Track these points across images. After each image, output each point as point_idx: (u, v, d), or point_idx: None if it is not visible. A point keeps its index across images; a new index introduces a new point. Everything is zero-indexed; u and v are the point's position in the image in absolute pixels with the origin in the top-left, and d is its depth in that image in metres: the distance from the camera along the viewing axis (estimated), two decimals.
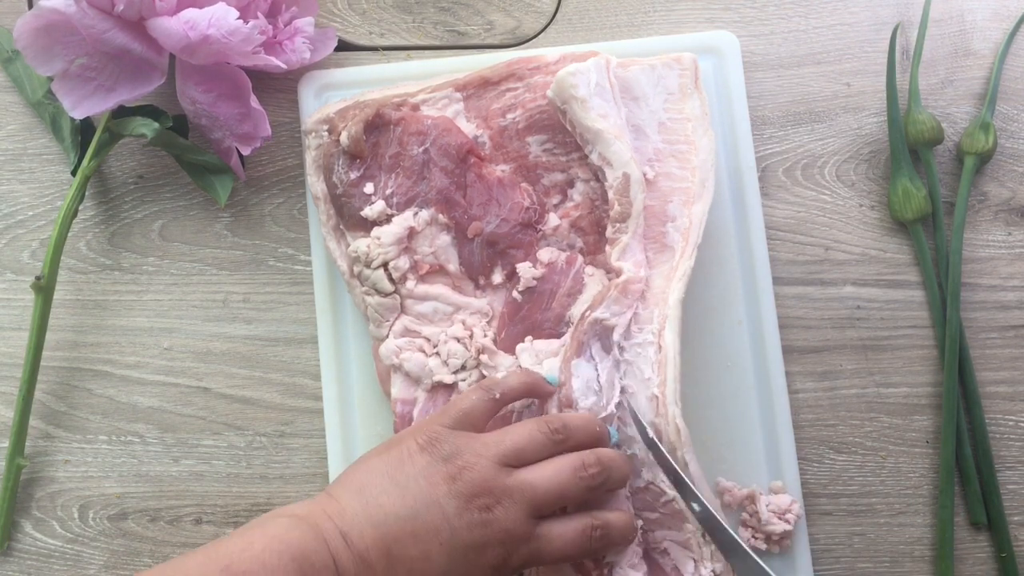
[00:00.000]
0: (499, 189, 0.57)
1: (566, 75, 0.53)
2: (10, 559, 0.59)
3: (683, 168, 0.55)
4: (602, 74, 0.55)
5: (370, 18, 0.63)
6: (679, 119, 0.56)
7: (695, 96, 0.56)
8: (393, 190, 0.56)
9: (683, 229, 0.54)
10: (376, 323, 0.56)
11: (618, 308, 0.53)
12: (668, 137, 0.56)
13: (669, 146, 0.56)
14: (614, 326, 0.53)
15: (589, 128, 0.54)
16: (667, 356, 0.52)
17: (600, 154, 0.54)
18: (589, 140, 0.54)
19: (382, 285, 0.55)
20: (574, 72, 0.53)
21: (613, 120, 0.54)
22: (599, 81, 0.54)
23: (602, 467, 0.48)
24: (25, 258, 0.62)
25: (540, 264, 0.56)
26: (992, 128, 0.59)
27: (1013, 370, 0.58)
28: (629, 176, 0.53)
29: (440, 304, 0.56)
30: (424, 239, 0.56)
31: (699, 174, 0.55)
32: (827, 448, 0.58)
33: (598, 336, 0.53)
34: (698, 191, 0.55)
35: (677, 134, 0.56)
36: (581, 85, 0.53)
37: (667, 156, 0.56)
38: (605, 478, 0.49)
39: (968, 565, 0.57)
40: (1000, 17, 0.62)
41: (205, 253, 0.61)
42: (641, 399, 0.52)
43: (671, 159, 0.56)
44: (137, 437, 0.60)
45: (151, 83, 0.56)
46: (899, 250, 0.60)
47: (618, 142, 0.53)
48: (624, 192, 0.53)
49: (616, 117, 0.54)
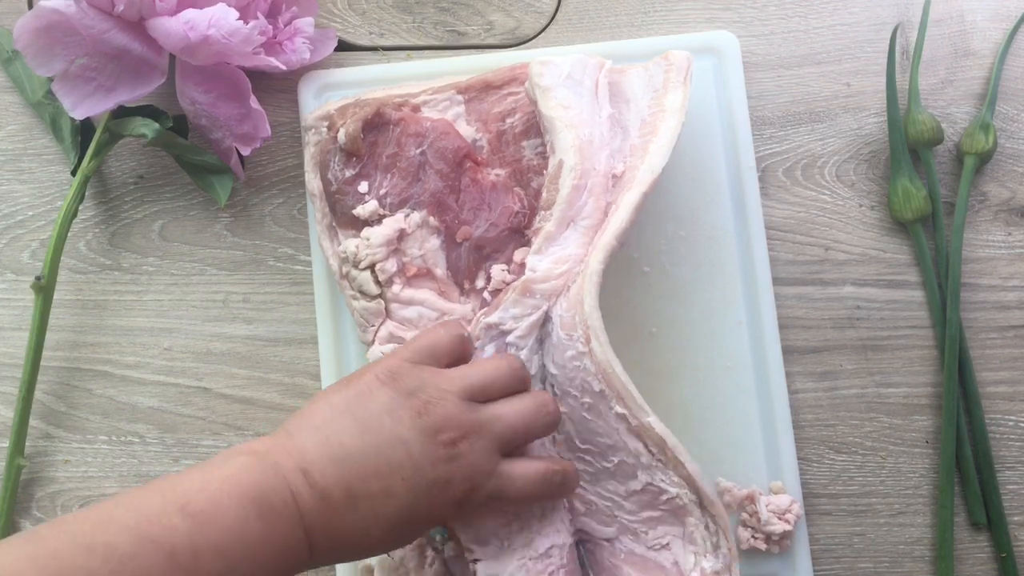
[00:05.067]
0: (492, 194, 0.56)
1: (535, 64, 0.53)
2: None
3: (642, 158, 0.53)
4: (584, 71, 0.54)
5: (370, 18, 0.63)
6: (656, 112, 0.54)
7: (679, 89, 0.54)
8: (387, 190, 0.56)
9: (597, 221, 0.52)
10: (362, 328, 0.56)
11: (518, 311, 0.51)
12: (643, 131, 0.55)
13: (642, 140, 0.54)
14: (511, 330, 0.51)
15: (545, 116, 0.53)
16: (606, 371, 0.50)
17: (551, 143, 0.53)
18: (546, 128, 0.53)
19: (368, 288, 0.55)
20: (544, 62, 0.53)
21: (575, 112, 0.53)
22: (572, 74, 0.53)
23: (557, 408, 0.49)
24: (25, 258, 0.62)
25: (515, 265, 0.55)
26: (992, 128, 0.59)
27: (1013, 370, 0.58)
28: (563, 163, 0.52)
29: (425, 309, 0.56)
30: (414, 241, 0.56)
31: (648, 160, 0.52)
32: (827, 448, 0.58)
33: (492, 340, 0.52)
34: (641, 176, 0.52)
35: (650, 127, 0.54)
36: (547, 74, 0.53)
37: (639, 150, 0.54)
38: (558, 421, 0.49)
39: (968, 565, 0.57)
40: (1000, 17, 0.62)
41: (205, 253, 0.61)
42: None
43: (640, 152, 0.54)
44: (137, 437, 0.60)
45: (151, 83, 0.57)
46: (899, 250, 0.60)
47: (568, 130, 0.52)
48: (555, 179, 0.52)
49: (584, 111, 0.53)
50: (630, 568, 0.52)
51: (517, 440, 0.48)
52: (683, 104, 0.54)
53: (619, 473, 0.52)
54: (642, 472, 0.51)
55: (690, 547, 0.51)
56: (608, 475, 0.52)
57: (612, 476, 0.52)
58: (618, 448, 0.51)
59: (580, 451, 0.52)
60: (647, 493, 0.52)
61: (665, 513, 0.52)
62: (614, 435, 0.51)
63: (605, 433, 0.51)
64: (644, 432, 0.50)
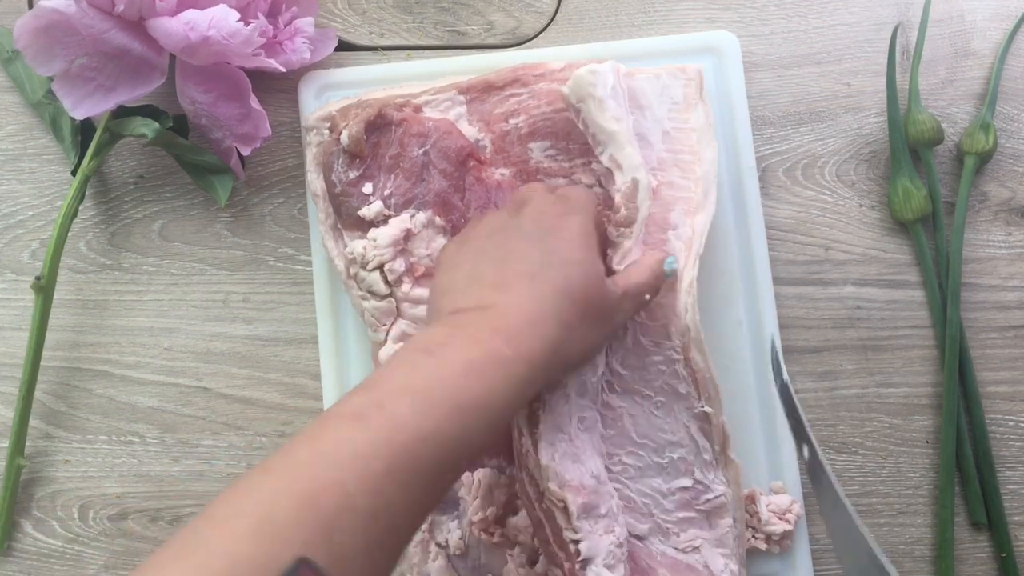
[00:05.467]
0: (498, 192, 0.57)
1: (586, 73, 0.53)
2: (10, 559, 0.59)
3: (686, 178, 0.55)
4: (617, 79, 0.55)
5: (370, 18, 0.63)
6: (684, 129, 0.56)
7: (700, 107, 0.56)
8: (391, 191, 0.56)
9: (685, 238, 0.54)
10: (373, 327, 0.56)
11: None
12: (672, 147, 0.56)
13: (672, 155, 0.55)
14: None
15: (604, 129, 0.53)
16: (704, 377, 0.53)
17: (611, 156, 0.53)
18: (602, 141, 0.53)
19: (377, 288, 0.55)
20: (594, 71, 0.53)
21: (625, 124, 0.54)
22: (614, 84, 0.54)
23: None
24: (25, 258, 0.62)
25: None
26: (992, 128, 0.59)
27: (1013, 370, 0.58)
28: (638, 181, 0.53)
29: None
30: (420, 241, 0.56)
31: (702, 185, 0.55)
32: (827, 448, 0.58)
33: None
34: (700, 201, 0.55)
35: (681, 144, 0.56)
36: (599, 84, 0.53)
37: (670, 165, 0.55)
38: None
39: (968, 565, 0.57)
40: (1000, 17, 0.62)
41: (205, 253, 0.61)
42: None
43: (674, 168, 0.55)
44: (137, 437, 0.60)
45: (151, 83, 0.56)
46: (899, 250, 0.60)
47: (630, 146, 0.53)
48: (632, 197, 0.53)
49: (627, 122, 0.54)
50: (665, 570, 0.52)
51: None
52: (709, 122, 0.56)
53: (670, 469, 0.53)
54: (698, 469, 0.53)
55: (719, 550, 0.53)
56: (656, 470, 0.54)
57: (660, 472, 0.54)
58: (681, 445, 0.53)
59: (635, 445, 0.54)
60: (690, 492, 0.53)
61: (699, 515, 0.53)
62: (680, 431, 0.53)
63: (671, 430, 0.53)
64: (717, 431, 0.53)
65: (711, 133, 0.55)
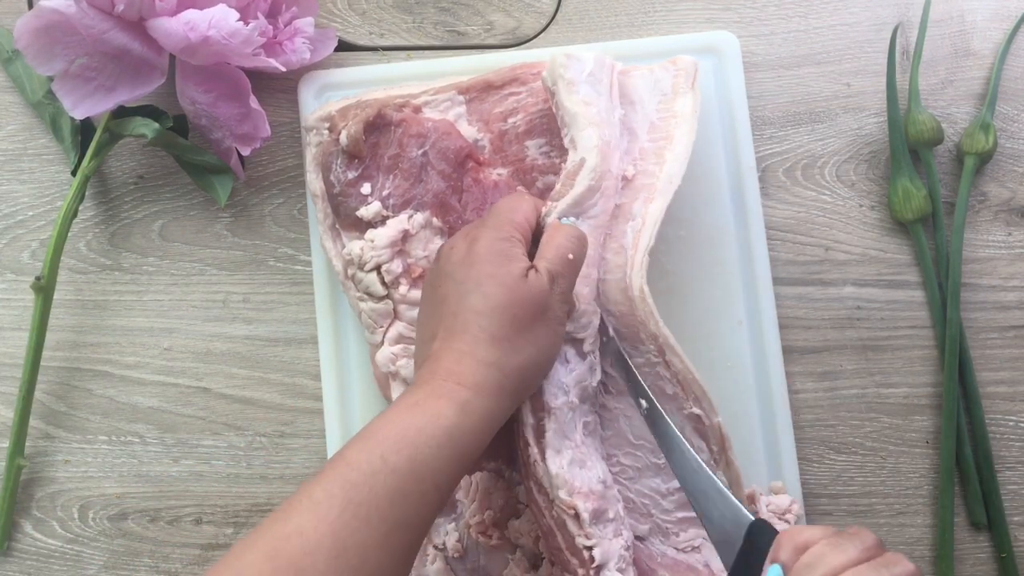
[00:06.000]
0: (495, 193, 0.56)
1: (560, 55, 0.53)
2: (10, 559, 0.59)
3: (658, 164, 0.54)
4: (602, 70, 0.54)
5: (370, 18, 0.63)
6: (667, 117, 0.55)
7: (689, 95, 0.55)
8: (390, 191, 0.56)
9: (636, 230, 0.53)
10: (370, 329, 0.56)
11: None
12: (653, 135, 0.55)
13: (652, 144, 0.55)
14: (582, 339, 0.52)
15: (568, 110, 0.52)
16: (686, 379, 0.53)
17: (571, 137, 0.53)
18: (567, 123, 0.53)
19: (374, 289, 0.55)
20: (569, 55, 0.53)
21: (596, 109, 0.53)
22: (594, 72, 0.54)
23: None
24: (25, 258, 0.62)
25: None
26: (992, 128, 0.59)
27: (1013, 370, 0.58)
28: (585, 162, 0.52)
29: None
30: (418, 242, 0.56)
31: (666, 168, 0.53)
32: (827, 448, 0.58)
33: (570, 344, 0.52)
34: (662, 187, 0.53)
35: (661, 132, 0.55)
36: (572, 67, 0.53)
37: (649, 154, 0.54)
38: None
39: (968, 565, 0.57)
40: (1000, 17, 0.62)
41: (205, 253, 0.61)
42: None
43: (652, 156, 0.54)
44: (137, 437, 0.60)
45: (151, 83, 0.56)
46: (899, 250, 0.60)
47: (591, 128, 0.52)
48: (572, 175, 0.52)
49: (602, 110, 0.53)
50: (665, 570, 0.52)
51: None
52: (694, 110, 0.54)
53: (667, 469, 0.53)
54: None
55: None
56: (654, 471, 0.54)
57: (658, 472, 0.54)
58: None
59: (632, 446, 0.54)
60: None
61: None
62: None
63: None
64: (712, 431, 0.53)
65: (694, 120, 0.54)
